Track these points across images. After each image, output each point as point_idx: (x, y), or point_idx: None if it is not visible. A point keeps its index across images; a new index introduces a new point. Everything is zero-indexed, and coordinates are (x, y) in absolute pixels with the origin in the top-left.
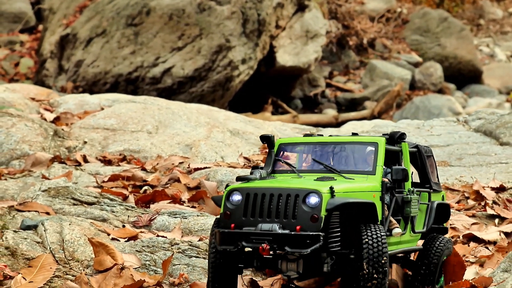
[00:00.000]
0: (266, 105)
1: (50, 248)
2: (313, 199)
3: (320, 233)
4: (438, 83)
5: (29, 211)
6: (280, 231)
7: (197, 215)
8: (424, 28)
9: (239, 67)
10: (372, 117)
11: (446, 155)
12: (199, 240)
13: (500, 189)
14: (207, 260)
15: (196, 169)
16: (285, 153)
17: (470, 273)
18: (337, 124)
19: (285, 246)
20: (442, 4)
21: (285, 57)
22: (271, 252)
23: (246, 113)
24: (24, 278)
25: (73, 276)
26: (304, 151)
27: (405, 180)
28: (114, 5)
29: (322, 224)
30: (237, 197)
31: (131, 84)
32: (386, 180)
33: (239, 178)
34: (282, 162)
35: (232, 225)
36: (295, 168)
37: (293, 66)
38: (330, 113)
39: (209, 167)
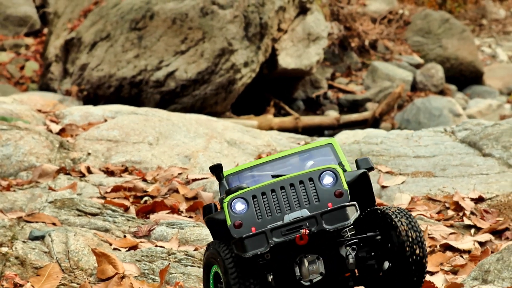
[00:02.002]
0: (268, 107)
1: (56, 257)
2: (329, 178)
3: (355, 202)
4: (439, 84)
5: (36, 222)
6: (313, 213)
7: (193, 226)
8: (426, 29)
9: (241, 70)
10: (373, 118)
11: (431, 166)
12: (194, 250)
13: (479, 199)
14: (201, 269)
15: (194, 180)
16: (236, 183)
17: (439, 281)
18: (339, 125)
19: (324, 226)
20: (444, 5)
21: (287, 60)
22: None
23: (248, 115)
24: (32, 286)
25: (77, 284)
26: (255, 175)
27: (373, 168)
28: (118, 9)
29: (348, 197)
30: (241, 205)
31: (135, 87)
32: None
33: (229, 191)
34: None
35: (253, 228)
36: None
37: (295, 69)
38: (332, 114)
39: (206, 178)
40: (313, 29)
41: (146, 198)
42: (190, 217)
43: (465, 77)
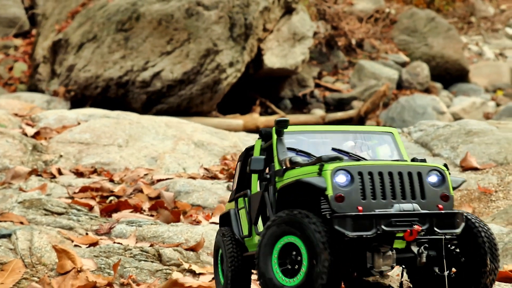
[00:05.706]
0: (254, 106)
1: (20, 254)
2: (434, 177)
3: (463, 211)
4: (425, 83)
5: (5, 221)
6: (425, 211)
7: (151, 224)
8: (412, 28)
9: (226, 70)
10: (358, 117)
11: None
12: (149, 246)
13: None
14: (154, 264)
15: (159, 180)
16: (290, 140)
17: None
18: (324, 124)
19: (434, 228)
20: (432, 3)
21: (272, 60)
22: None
23: (234, 114)
24: None
25: (38, 278)
26: (310, 140)
27: None
28: (104, 11)
29: (453, 203)
30: (343, 177)
31: (121, 88)
32: None
33: (322, 159)
34: (298, 151)
35: (360, 208)
36: (315, 157)
37: (281, 68)
38: (318, 113)
39: (171, 178)
40: (298, 29)
41: (111, 198)
42: (152, 215)
43: (450, 75)
